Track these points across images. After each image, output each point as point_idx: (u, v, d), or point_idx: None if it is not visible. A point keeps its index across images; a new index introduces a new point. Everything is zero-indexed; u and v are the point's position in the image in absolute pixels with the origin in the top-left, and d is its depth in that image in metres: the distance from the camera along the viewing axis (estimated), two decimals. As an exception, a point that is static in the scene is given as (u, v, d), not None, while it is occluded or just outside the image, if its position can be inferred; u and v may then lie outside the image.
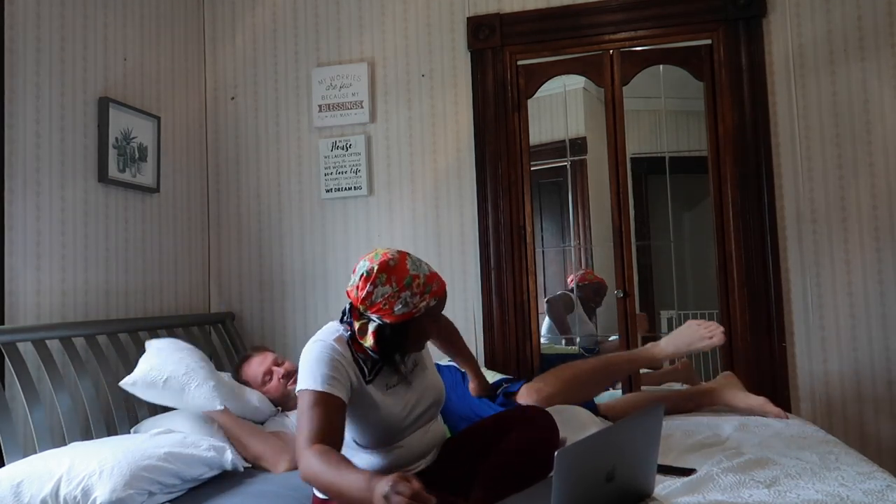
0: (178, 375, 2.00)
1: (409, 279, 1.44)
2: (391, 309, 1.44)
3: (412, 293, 1.44)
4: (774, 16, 2.66)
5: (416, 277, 1.45)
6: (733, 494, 1.45)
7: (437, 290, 1.48)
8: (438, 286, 1.49)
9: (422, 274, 1.46)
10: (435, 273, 1.51)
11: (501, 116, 2.83)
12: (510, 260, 2.79)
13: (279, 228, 3.03)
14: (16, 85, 2.09)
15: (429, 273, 1.48)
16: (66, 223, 2.26)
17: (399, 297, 1.43)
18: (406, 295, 1.43)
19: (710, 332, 2.09)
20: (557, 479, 1.10)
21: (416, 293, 1.44)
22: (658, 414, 1.34)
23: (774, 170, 2.62)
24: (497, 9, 2.88)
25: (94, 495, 1.54)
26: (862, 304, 2.54)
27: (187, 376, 2.00)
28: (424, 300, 1.45)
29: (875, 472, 1.56)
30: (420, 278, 1.45)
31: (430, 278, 1.47)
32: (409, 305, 1.44)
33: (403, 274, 1.44)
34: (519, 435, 1.53)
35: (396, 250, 1.50)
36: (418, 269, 1.47)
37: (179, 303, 2.85)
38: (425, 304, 1.46)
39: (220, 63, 3.13)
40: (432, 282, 1.47)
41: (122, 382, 2.03)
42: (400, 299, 1.43)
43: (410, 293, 1.44)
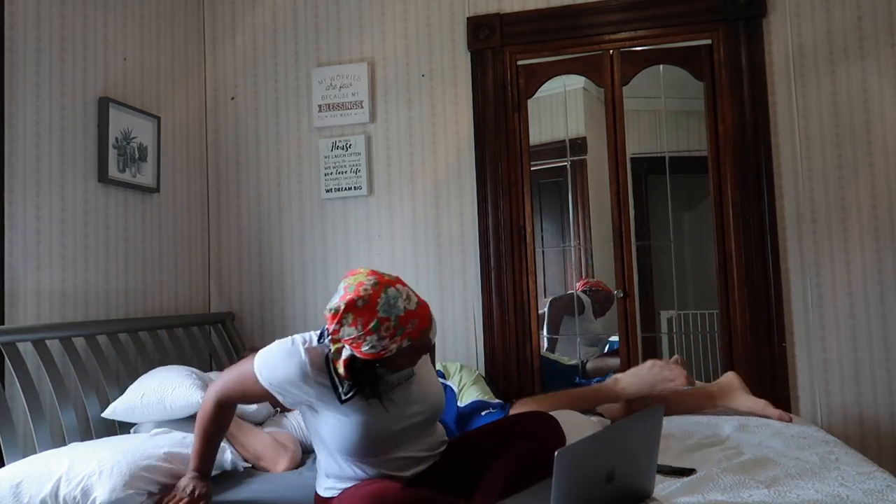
0: (153, 388, 2.02)
1: (375, 324, 1.32)
2: (359, 346, 1.35)
3: (379, 337, 1.33)
4: (774, 16, 2.66)
5: (384, 321, 1.32)
6: (733, 494, 1.45)
7: (412, 331, 1.35)
8: (414, 328, 1.35)
9: (394, 316, 1.33)
10: (414, 311, 1.36)
11: (501, 116, 2.83)
12: (510, 260, 2.78)
13: (279, 228, 3.03)
14: (16, 85, 2.09)
15: (404, 314, 1.34)
16: (66, 223, 2.26)
17: (365, 340, 1.33)
18: (372, 339, 1.33)
19: (674, 374, 2.11)
20: (557, 479, 1.10)
21: (385, 336, 1.33)
22: (658, 414, 1.34)
23: (774, 170, 2.62)
24: (497, 9, 2.88)
25: (93, 495, 1.54)
26: (862, 304, 2.54)
27: (162, 385, 2.02)
28: (395, 342, 1.34)
29: (875, 472, 1.56)
30: (390, 321, 1.32)
31: (404, 319, 1.33)
32: (377, 348, 1.34)
33: (371, 317, 1.32)
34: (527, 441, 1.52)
35: (375, 280, 1.36)
36: (390, 311, 1.33)
37: (179, 303, 2.85)
38: (396, 346, 1.35)
39: (220, 63, 3.13)
40: (406, 323, 1.34)
41: (103, 413, 2.06)
42: (366, 342, 1.34)
43: (377, 337, 1.33)
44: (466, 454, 1.58)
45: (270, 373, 1.44)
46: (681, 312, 2.88)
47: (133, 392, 2.06)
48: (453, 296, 2.84)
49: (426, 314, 1.40)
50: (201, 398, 1.99)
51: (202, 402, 1.57)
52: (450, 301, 2.85)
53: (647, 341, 2.82)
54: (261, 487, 1.74)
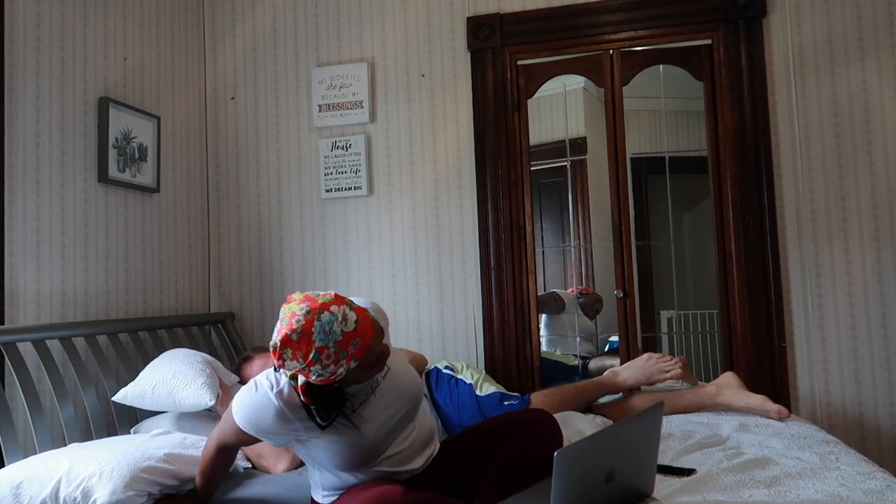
0: (167, 380, 2.04)
1: (314, 354, 1.28)
2: (308, 376, 1.33)
3: (323, 366, 1.30)
4: (774, 16, 2.66)
5: (323, 350, 1.28)
6: (733, 494, 1.45)
7: (356, 352, 1.31)
8: (357, 348, 1.31)
9: (332, 342, 1.28)
10: (353, 332, 1.30)
11: (501, 116, 2.83)
12: (510, 260, 2.79)
13: (279, 228, 3.03)
14: (16, 85, 2.09)
15: (342, 337, 1.29)
16: (66, 223, 2.26)
17: (311, 370, 1.31)
18: (317, 368, 1.30)
19: (668, 366, 2.27)
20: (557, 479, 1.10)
21: (329, 364, 1.30)
22: (658, 414, 1.34)
23: (774, 170, 2.62)
24: (497, 9, 2.88)
25: (93, 497, 1.54)
26: (862, 304, 2.54)
27: (175, 379, 2.04)
28: (342, 366, 1.31)
29: (875, 472, 1.56)
30: (329, 349, 1.28)
31: (343, 343, 1.29)
32: (324, 375, 1.32)
33: (309, 348, 1.28)
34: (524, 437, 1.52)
35: (307, 309, 1.30)
36: (327, 339, 1.28)
37: (179, 303, 2.85)
38: (344, 369, 1.32)
39: (220, 63, 3.13)
40: (347, 345, 1.30)
41: (114, 397, 2.08)
42: (312, 371, 1.31)
43: (321, 366, 1.30)
44: (465, 452, 1.58)
45: (252, 424, 1.43)
46: (681, 312, 2.88)
47: (145, 380, 2.07)
48: (453, 296, 2.84)
49: (367, 330, 1.33)
50: (210, 400, 2.02)
51: (205, 445, 1.59)
52: (450, 301, 2.85)
53: (647, 341, 2.82)
54: (261, 488, 1.74)
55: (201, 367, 2.11)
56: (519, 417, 1.60)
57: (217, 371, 2.18)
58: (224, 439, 1.53)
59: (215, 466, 1.59)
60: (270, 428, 1.42)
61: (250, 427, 1.44)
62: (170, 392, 2.03)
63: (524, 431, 1.54)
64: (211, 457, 1.57)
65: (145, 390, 2.04)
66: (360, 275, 2.93)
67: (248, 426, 1.44)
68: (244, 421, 1.44)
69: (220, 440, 1.54)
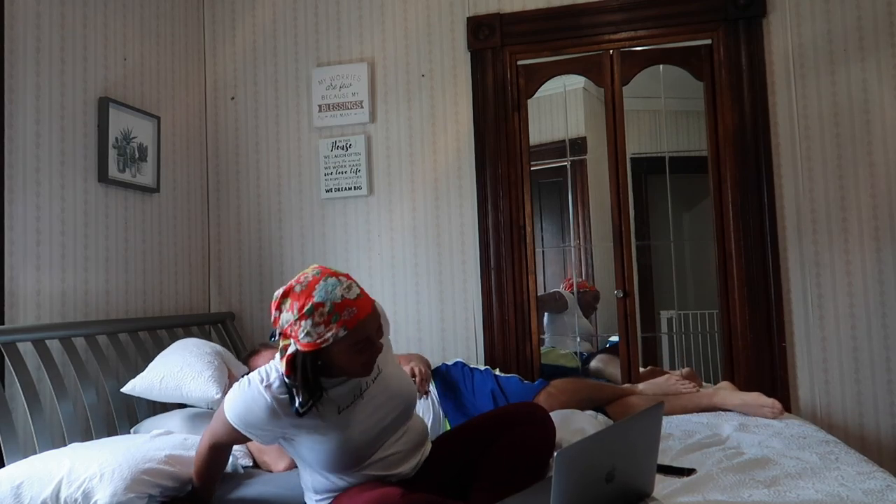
0: (174, 373, 2.06)
1: (310, 307, 1.31)
2: (298, 335, 1.34)
3: (314, 323, 1.32)
4: (774, 16, 2.66)
5: (319, 306, 1.31)
6: (733, 494, 1.45)
7: (349, 320, 1.32)
8: (351, 316, 1.33)
9: (329, 302, 1.32)
10: (352, 301, 1.34)
11: (501, 116, 2.83)
12: (510, 260, 2.79)
13: (279, 228, 3.03)
14: (16, 85, 2.09)
15: (340, 300, 1.32)
16: (66, 223, 2.26)
17: (301, 326, 1.33)
18: (306, 324, 1.32)
19: (684, 386, 2.38)
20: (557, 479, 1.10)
21: (319, 323, 1.32)
22: (658, 414, 1.34)
23: (774, 170, 2.62)
24: (497, 9, 2.88)
25: (94, 498, 1.54)
26: (862, 304, 2.54)
27: (182, 372, 2.06)
28: (331, 330, 1.32)
29: (875, 472, 1.56)
30: (325, 306, 1.31)
31: (339, 306, 1.32)
32: (312, 335, 1.33)
33: (306, 300, 1.32)
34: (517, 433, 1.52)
35: (318, 271, 1.38)
36: (325, 297, 1.32)
37: (179, 303, 2.85)
38: (332, 334, 1.32)
39: (220, 63, 3.13)
40: (342, 310, 1.32)
41: (123, 388, 2.09)
42: (302, 327, 1.33)
43: (312, 322, 1.32)
44: (458, 449, 1.58)
45: (242, 420, 1.44)
46: (681, 312, 2.88)
47: (154, 372, 2.09)
48: (453, 296, 2.84)
49: (366, 307, 1.36)
50: (217, 394, 2.04)
51: (199, 444, 1.60)
52: (450, 301, 2.85)
53: (647, 341, 2.82)
54: (261, 488, 1.74)
55: (209, 359, 2.12)
56: (512, 413, 1.60)
57: (227, 362, 2.19)
58: (216, 437, 1.53)
59: (209, 465, 1.59)
60: (259, 423, 1.42)
61: (240, 423, 1.44)
62: (177, 385, 2.05)
63: (517, 427, 1.54)
64: (203, 456, 1.57)
65: (153, 382, 2.06)
66: (360, 275, 2.93)
67: (237, 422, 1.44)
68: (234, 417, 1.44)
69: (212, 438, 1.54)
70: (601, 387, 2.38)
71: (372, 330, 1.39)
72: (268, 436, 1.46)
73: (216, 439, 1.54)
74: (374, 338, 1.40)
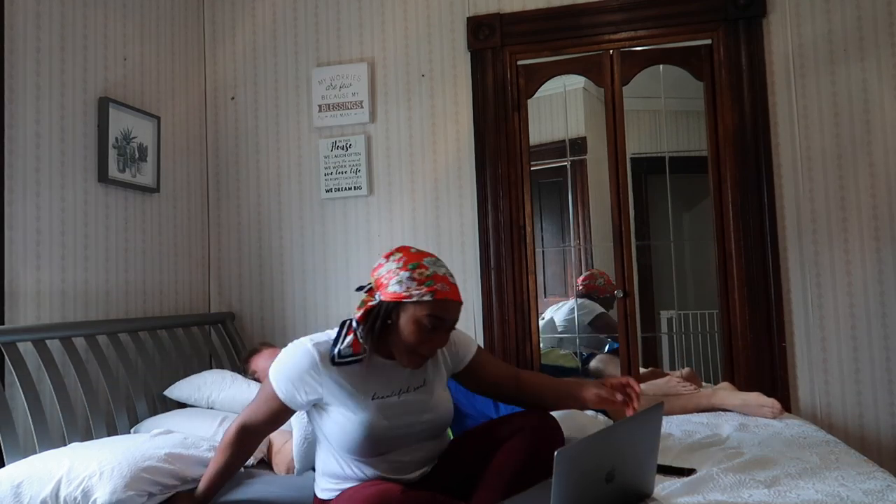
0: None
1: (414, 264, 1.45)
2: (388, 284, 1.45)
3: (411, 277, 1.43)
4: (774, 16, 2.66)
5: (422, 267, 1.45)
6: (733, 494, 1.45)
7: (439, 290, 1.43)
8: (442, 289, 1.44)
9: (432, 268, 1.45)
10: (448, 282, 1.46)
11: (501, 116, 2.83)
12: (510, 260, 2.79)
13: (279, 228, 3.03)
14: (16, 85, 2.09)
15: (441, 275, 1.45)
16: (66, 223, 2.26)
17: (397, 275, 1.44)
18: (404, 275, 1.44)
19: (684, 387, 2.41)
20: (557, 479, 1.10)
21: (415, 279, 1.43)
22: (658, 414, 1.34)
23: (774, 170, 2.62)
24: (497, 9, 2.88)
25: (94, 496, 1.54)
26: (862, 304, 2.54)
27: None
28: (421, 290, 1.42)
29: (875, 472, 1.56)
30: (427, 269, 1.45)
31: (438, 277, 1.44)
32: (402, 286, 1.43)
33: (413, 260, 1.46)
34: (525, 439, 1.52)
35: (433, 254, 1.52)
36: (431, 266, 1.46)
37: (179, 303, 2.85)
38: (419, 293, 1.42)
39: (220, 63, 3.13)
40: (438, 281, 1.44)
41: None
42: (397, 276, 1.44)
43: (409, 275, 1.44)
44: (465, 452, 1.58)
45: (283, 374, 1.47)
46: (681, 312, 2.88)
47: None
48: (453, 296, 2.84)
49: (456, 296, 1.47)
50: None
51: (225, 432, 1.57)
52: (450, 301, 2.85)
53: (647, 341, 2.82)
54: (261, 487, 1.74)
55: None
56: (521, 419, 1.59)
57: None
58: (248, 416, 1.53)
59: (231, 451, 1.54)
60: (299, 375, 1.45)
61: (280, 377, 1.46)
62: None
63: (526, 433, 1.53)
64: (229, 439, 1.54)
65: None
66: (360, 275, 2.93)
67: (278, 377, 1.47)
68: (275, 373, 1.48)
69: (245, 418, 1.54)
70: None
71: (450, 317, 1.47)
72: (303, 393, 1.46)
73: (248, 418, 1.53)
74: (446, 325, 1.47)
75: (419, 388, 1.55)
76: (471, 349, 1.66)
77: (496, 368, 1.69)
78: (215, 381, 2.27)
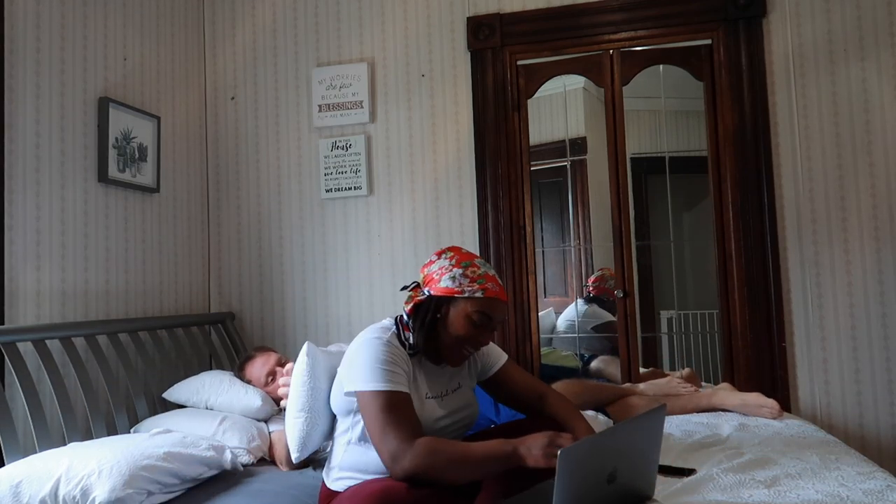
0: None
1: (467, 262, 1.51)
2: (440, 279, 1.50)
3: (463, 274, 1.49)
4: (774, 16, 2.66)
5: (474, 266, 1.51)
6: (733, 494, 1.45)
7: (489, 289, 1.48)
8: (491, 289, 1.49)
9: (483, 268, 1.51)
10: (497, 283, 1.51)
11: (501, 116, 2.83)
12: (510, 260, 2.78)
13: (279, 228, 3.03)
14: (16, 85, 2.09)
15: (492, 275, 1.51)
16: (66, 223, 2.26)
17: (450, 271, 1.50)
18: (457, 272, 1.49)
19: (685, 388, 2.40)
20: (559, 479, 1.10)
21: (468, 276, 1.49)
22: (660, 416, 1.34)
23: (774, 170, 2.62)
24: (497, 9, 2.88)
25: (93, 495, 1.54)
26: (862, 304, 2.54)
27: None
28: (472, 286, 1.48)
29: (875, 472, 1.56)
30: (479, 268, 1.50)
31: (490, 277, 1.50)
32: (455, 282, 1.49)
33: (466, 258, 1.52)
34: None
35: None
36: (483, 267, 1.52)
37: (179, 303, 2.84)
38: (471, 290, 1.48)
39: (220, 63, 3.13)
40: (489, 281, 1.49)
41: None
42: (450, 273, 1.50)
43: (462, 272, 1.49)
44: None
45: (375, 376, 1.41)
46: (681, 312, 2.88)
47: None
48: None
49: (504, 298, 1.52)
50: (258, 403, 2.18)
51: (417, 463, 1.32)
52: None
53: (647, 341, 2.82)
54: (261, 487, 1.74)
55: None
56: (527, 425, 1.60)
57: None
58: (397, 432, 1.35)
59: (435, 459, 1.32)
60: (387, 364, 1.42)
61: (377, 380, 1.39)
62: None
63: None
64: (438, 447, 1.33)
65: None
66: (360, 275, 2.93)
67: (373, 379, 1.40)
68: (370, 375, 1.40)
69: (403, 436, 1.35)
70: (602, 387, 2.39)
71: (497, 316, 1.51)
72: (400, 373, 1.43)
73: (403, 431, 1.35)
74: (493, 324, 1.51)
75: (456, 390, 1.61)
76: (501, 359, 1.70)
77: (522, 382, 1.70)
78: (213, 383, 2.27)
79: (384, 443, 1.35)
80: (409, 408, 1.41)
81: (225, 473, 1.85)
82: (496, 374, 1.68)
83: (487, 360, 1.69)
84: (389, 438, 1.35)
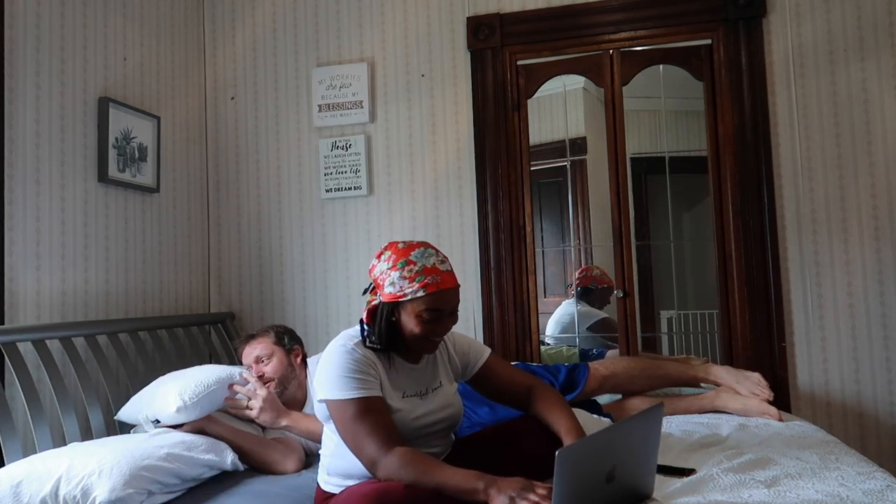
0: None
1: (402, 262, 1.47)
2: (384, 285, 1.48)
3: (401, 276, 1.46)
4: (774, 16, 2.66)
5: (411, 263, 1.46)
6: (733, 494, 1.45)
7: (430, 284, 1.44)
8: (434, 282, 1.45)
9: (420, 264, 1.46)
10: (440, 271, 1.46)
11: (501, 116, 2.83)
12: (510, 260, 2.78)
13: (279, 228, 3.03)
14: (16, 85, 2.09)
15: (430, 266, 1.46)
16: (66, 223, 2.26)
17: (389, 276, 1.47)
18: (395, 276, 1.46)
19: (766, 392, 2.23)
20: (558, 479, 1.10)
21: (406, 278, 1.45)
22: (658, 414, 1.34)
23: (774, 170, 2.62)
24: (497, 9, 2.88)
25: (93, 494, 1.54)
26: (862, 304, 2.54)
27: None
28: (413, 286, 1.45)
29: (875, 472, 1.56)
30: (415, 265, 1.46)
31: (428, 270, 1.45)
32: (395, 286, 1.46)
33: (402, 257, 1.48)
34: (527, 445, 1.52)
35: (423, 242, 1.53)
36: (419, 259, 1.47)
37: (179, 303, 2.84)
38: (412, 290, 1.45)
39: (220, 63, 3.13)
40: (428, 275, 1.45)
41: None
42: (389, 277, 1.47)
43: (399, 275, 1.46)
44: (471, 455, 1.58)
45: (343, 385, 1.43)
46: (681, 312, 2.88)
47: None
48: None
49: (450, 282, 1.48)
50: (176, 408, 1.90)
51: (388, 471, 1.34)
52: (450, 301, 2.85)
53: (647, 341, 2.82)
54: (261, 487, 1.74)
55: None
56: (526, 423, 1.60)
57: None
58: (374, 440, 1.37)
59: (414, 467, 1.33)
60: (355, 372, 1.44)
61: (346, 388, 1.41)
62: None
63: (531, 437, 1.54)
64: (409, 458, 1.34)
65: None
66: (360, 275, 2.93)
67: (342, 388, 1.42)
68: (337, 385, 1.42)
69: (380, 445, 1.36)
70: (658, 365, 2.32)
71: (447, 305, 1.48)
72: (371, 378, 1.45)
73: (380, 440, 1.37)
74: (445, 314, 1.49)
75: (437, 388, 1.59)
76: (482, 355, 1.67)
77: (508, 377, 1.68)
78: None
79: (361, 452, 1.40)
80: (381, 411, 1.42)
81: (225, 473, 1.84)
82: (480, 370, 1.66)
83: (467, 358, 1.66)
84: (364, 446, 1.38)
